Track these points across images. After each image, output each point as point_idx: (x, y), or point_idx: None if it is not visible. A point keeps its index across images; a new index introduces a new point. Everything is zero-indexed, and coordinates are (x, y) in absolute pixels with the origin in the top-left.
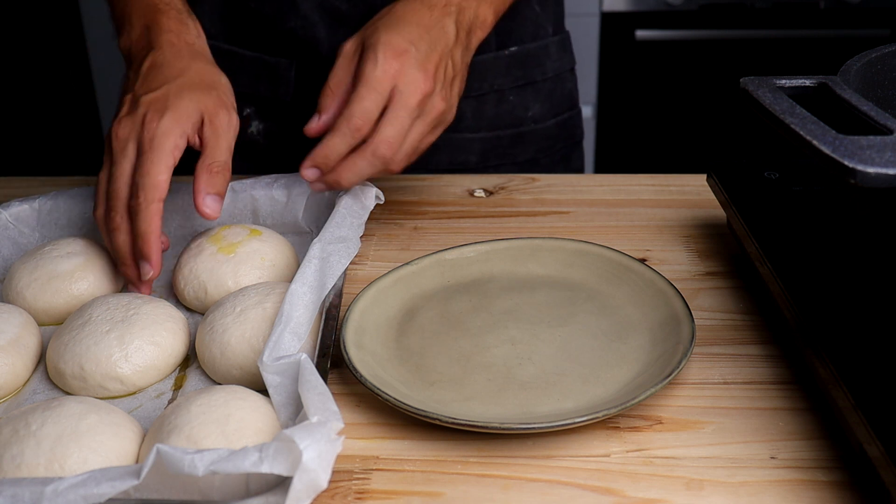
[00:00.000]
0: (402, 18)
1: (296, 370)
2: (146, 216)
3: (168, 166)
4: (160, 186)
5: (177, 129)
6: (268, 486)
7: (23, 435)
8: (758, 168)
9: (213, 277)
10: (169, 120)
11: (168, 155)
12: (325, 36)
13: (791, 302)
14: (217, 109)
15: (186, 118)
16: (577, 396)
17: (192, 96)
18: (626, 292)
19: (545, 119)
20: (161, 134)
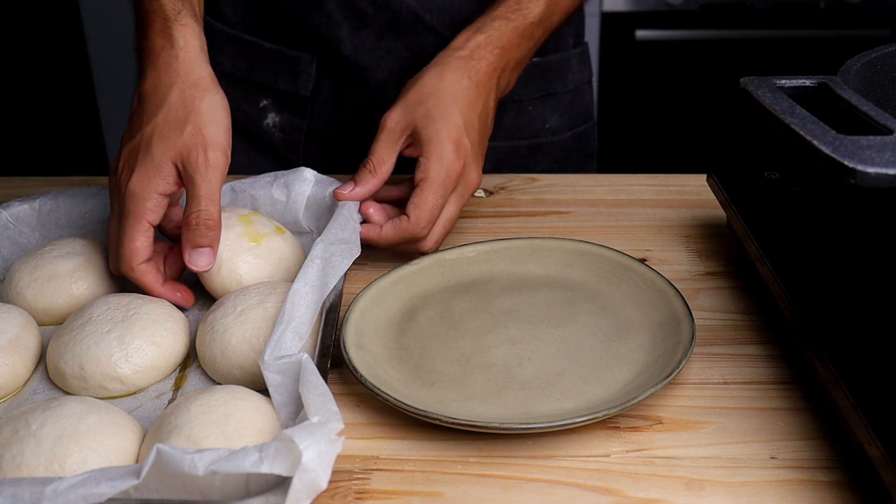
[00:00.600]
0: (454, 101)
1: (297, 370)
2: (137, 278)
3: (142, 231)
4: (137, 252)
5: (147, 190)
6: (268, 486)
7: (23, 435)
8: (758, 168)
9: (230, 258)
10: (137, 181)
11: (139, 220)
12: (348, 36)
13: (791, 302)
14: (189, 151)
15: (155, 174)
16: (577, 396)
17: (161, 144)
18: (626, 292)
19: (562, 131)
20: (130, 198)
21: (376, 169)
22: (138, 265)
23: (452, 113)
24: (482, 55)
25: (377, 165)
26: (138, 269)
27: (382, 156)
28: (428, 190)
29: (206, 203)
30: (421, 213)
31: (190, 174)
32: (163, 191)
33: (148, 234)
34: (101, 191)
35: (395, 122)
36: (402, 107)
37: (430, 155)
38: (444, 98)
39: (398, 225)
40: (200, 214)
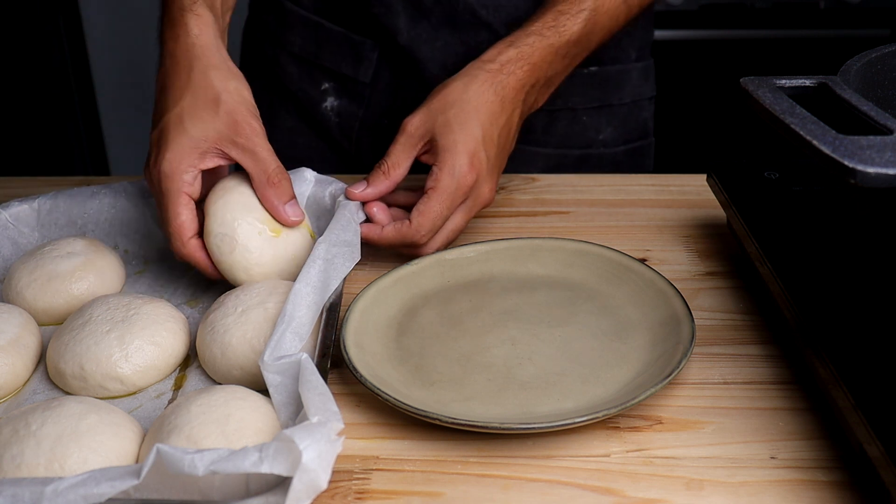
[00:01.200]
0: (476, 113)
1: (296, 370)
2: (190, 254)
3: (182, 205)
4: (183, 228)
5: (181, 165)
6: (268, 486)
7: (23, 435)
8: (758, 168)
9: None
10: (170, 159)
11: (178, 195)
12: (405, 26)
13: (791, 302)
14: (236, 126)
15: (191, 149)
16: (577, 396)
17: (196, 123)
18: (626, 292)
19: (616, 144)
20: (165, 178)
21: (390, 171)
22: (188, 240)
23: (472, 125)
24: (511, 70)
25: (391, 168)
26: (189, 245)
27: (398, 159)
28: (434, 199)
29: (273, 161)
30: (423, 221)
31: (244, 145)
32: (199, 165)
33: (190, 207)
34: (101, 191)
35: (415, 128)
36: (425, 113)
37: (443, 165)
38: (466, 109)
39: (399, 228)
40: (276, 171)
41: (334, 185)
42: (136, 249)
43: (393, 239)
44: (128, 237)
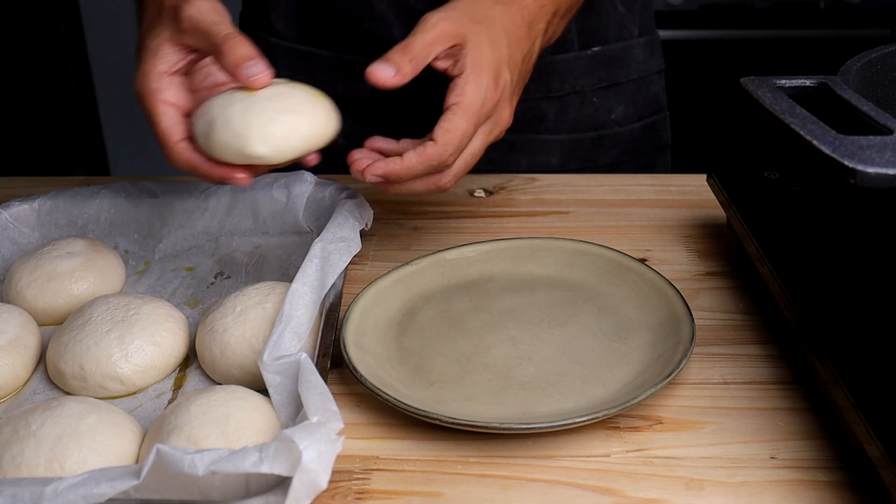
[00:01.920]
0: (505, 31)
1: (296, 370)
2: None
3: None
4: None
5: (147, 78)
6: (268, 486)
7: (23, 435)
8: (758, 168)
9: (221, 112)
10: (138, 80)
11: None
12: (401, 35)
13: (791, 302)
14: (177, 19)
15: (151, 58)
16: (577, 396)
17: (150, 36)
18: (626, 292)
19: (629, 122)
20: (140, 98)
21: (417, 59)
22: (175, 144)
23: (501, 43)
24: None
25: (418, 56)
26: (177, 147)
27: (424, 51)
28: (461, 115)
29: (220, 29)
30: (450, 139)
31: (188, 27)
32: (164, 69)
33: (170, 114)
34: (101, 191)
35: (446, 27)
36: (455, 17)
37: (469, 78)
38: (496, 26)
39: (423, 151)
40: (226, 37)
41: (334, 185)
42: (136, 249)
43: (417, 164)
44: (128, 237)
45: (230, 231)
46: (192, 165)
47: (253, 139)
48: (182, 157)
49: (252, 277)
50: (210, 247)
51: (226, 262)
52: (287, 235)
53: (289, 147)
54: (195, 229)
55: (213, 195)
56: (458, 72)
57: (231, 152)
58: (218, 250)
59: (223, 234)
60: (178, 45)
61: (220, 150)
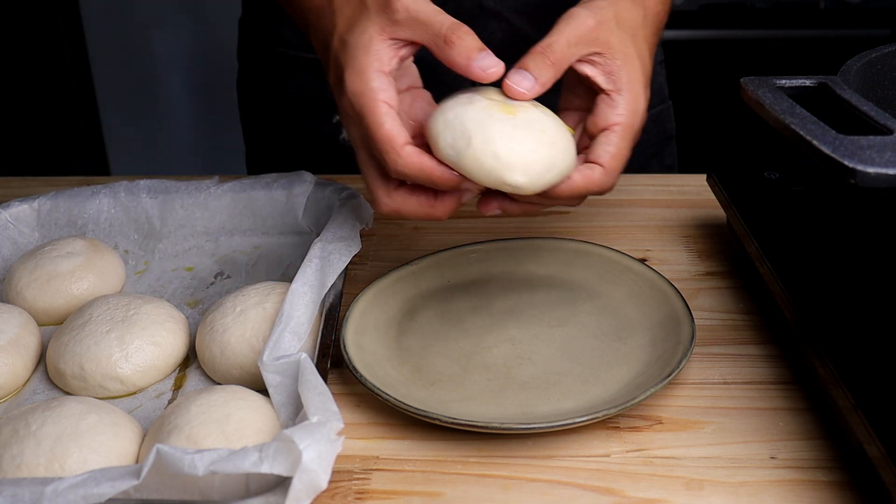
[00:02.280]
0: (646, 42)
1: (296, 370)
2: (407, 164)
3: (384, 113)
4: (392, 135)
5: (363, 76)
6: (268, 486)
7: (23, 435)
8: (758, 168)
9: (482, 128)
10: (351, 79)
11: (374, 106)
12: None
13: (791, 302)
14: (386, 11)
15: (364, 55)
16: (577, 396)
17: (355, 31)
18: (626, 292)
19: None
20: (355, 97)
21: (557, 62)
22: (402, 147)
23: (646, 56)
24: (652, 3)
25: (559, 59)
26: (405, 151)
27: (564, 52)
28: (624, 138)
29: (442, 20)
30: (617, 165)
31: (405, 19)
32: (380, 67)
33: (392, 115)
34: (101, 191)
35: (596, 28)
36: (606, 19)
37: (627, 97)
38: (639, 35)
39: (590, 176)
40: (451, 28)
41: (334, 185)
42: (136, 249)
43: (583, 189)
44: (128, 237)
45: (230, 231)
46: (423, 169)
47: (516, 168)
48: (412, 160)
49: (252, 277)
50: (210, 247)
51: (226, 262)
52: (287, 235)
53: (543, 180)
54: (195, 229)
55: (213, 195)
56: (613, 87)
57: (484, 174)
58: (218, 250)
59: (223, 234)
60: (391, 40)
61: (472, 168)
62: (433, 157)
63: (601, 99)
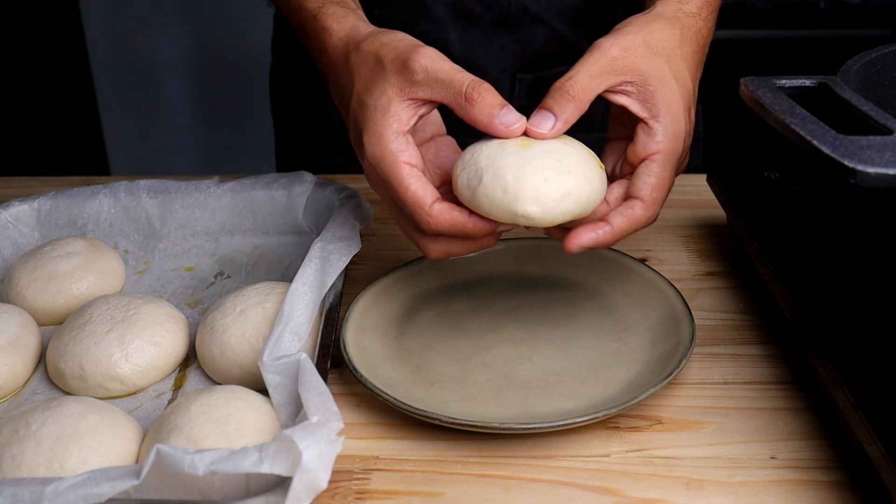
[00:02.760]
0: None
1: (296, 370)
2: (439, 222)
3: (405, 175)
4: (419, 195)
5: (382, 139)
6: (268, 486)
7: (23, 435)
8: (758, 168)
9: (491, 165)
10: (370, 143)
11: (397, 169)
12: (457, 38)
13: (791, 302)
14: (405, 71)
15: (382, 118)
16: (577, 396)
17: (373, 94)
18: (626, 292)
19: None
20: (377, 161)
21: (580, 96)
22: (432, 207)
23: (685, 77)
24: (706, 16)
25: (581, 92)
26: (434, 210)
27: (590, 84)
28: (664, 167)
29: (461, 79)
30: (658, 196)
31: (424, 79)
32: (398, 129)
33: (416, 175)
34: (101, 191)
35: (624, 56)
36: (635, 45)
37: (665, 123)
38: (677, 56)
39: (632, 216)
40: (471, 86)
41: (333, 185)
42: (136, 249)
43: (627, 230)
44: (128, 237)
45: (230, 231)
46: (454, 225)
47: (526, 198)
48: (442, 218)
49: (252, 277)
50: (210, 247)
51: (226, 262)
52: (287, 235)
53: (559, 210)
54: (195, 229)
55: (213, 195)
56: (650, 115)
57: (498, 209)
58: (218, 250)
59: (223, 234)
60: (409, 100)
61: (486, 205)
62: (464, 210)
63: (640, 127)
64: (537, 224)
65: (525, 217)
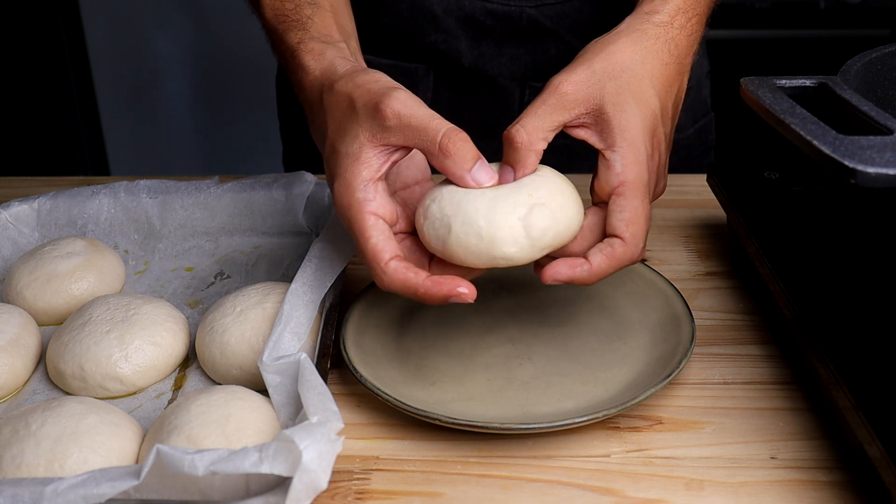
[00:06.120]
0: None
1: (296, 370)
2: (391, 281)
3: (370, 226)
4: (377, 249)
5: (350, 187)
6: (268, 486)
7: (23, 435)
8: (758, 168)
9: (460, 212)
10: (339, 190)
11: (361, 218)
12: (468, 48)
13: (791, 302)
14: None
15: (352, 164)
16: (577, 396)
17: (343, 143)
18: (626, 292)
19: (686, 128)
20: (344, 210)
21: (532, 143)
22: (387, 264)
23: (649, 95)
24: (682, 23)
25: (529, 140)
26: (389, 268)
27: (535, 126)
28: (634, 197)
29: (437, 127)
30: (637, 230)
31: (396, 125)
32: (369, 176)
33: (379, 227)
34: (101, 191)
35: (574, 89)
36: (587, 75)
37: (624, 151)
38: (639, 73)
39: (612, 254)
40: (446, 135)
41: None
42: (136, 249)
43: (608, 269)
44: (128, 237)
45: (230, 231)
46: (407, 287)
47: (503, 241)
48: (396, 277)
49: (252, 277)
50: (210, 247)
51: (226, 262)
52: (287, 235)
53: (539, 247)
54: (195, 229)
55: (213, 195)
56: (607, 145)
57: (475, 256)
58: (218, 250)
59: (223, 234)
60: (381, 146)
61: (461, 254)
62: (420, 273)
63: (599, 160)
64: (517, 262)
65: (505, 259)
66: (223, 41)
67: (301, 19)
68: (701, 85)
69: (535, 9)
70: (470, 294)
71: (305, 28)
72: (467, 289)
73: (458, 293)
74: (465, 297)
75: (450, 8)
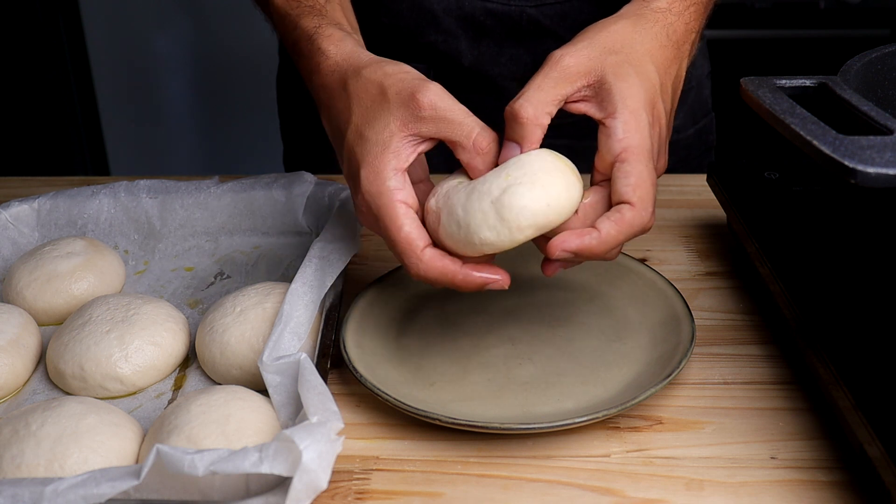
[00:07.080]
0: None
1: (296, 370)
2: (428, 269)
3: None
4: (411, 238)
5: (380, 176)
6: (268, 486)
7: (23, 435)
8: (758, 168)
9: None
10: (367, 178)
11: (392, 208)
12: (467, 48)
13: (791, 302)
14: (411, 105)
15: (382, 153)
16: (576, 396)
17: (374, 126)
18: (626, 292)
19: (686, 128)
20: (372, 198)
21: (532, 118)
22: (422, 252)
23: (649, 70)
24: (679, 11)
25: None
26: (425, 255)
27: (539, 100)
28: (638, 162)
29: (472, 124)
30: (645, 193)
31: (432, 115)
32: (399, 165)
33: (411, 216)
34: (101, 191)
35: (576, 62)
36: (587, 49)
37: (625, 117)
38: (638, 51)
39: (621, 219)
40: (481, 135)
41: (334, 185)
42: (136, 249)
43: (617, 235)
44: (128, 237)
45: (230, 231)
46: (445, 274)
47: (478, 226)
48: (433, 265)
49: (252, 277)
50: (210, 247)
51: (226, 262)
52: (287, 235)
53: (516, 227)
54: (195, 229)
55: (213, 195)
56: (607, 113)
57: (462, 245)
58: (218, 250)
59: (223, 234)
60: (410, 136)
61: (451, 244)
62: (456, 260)
63: (600, 131)
64: (503, 247)
65: (486, 244)
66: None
67: (316, 6)
68: (701, 85)
69: (535, 9)
70: (504, 280)
71: (322, 14)
72: (501, 276)
73: (494, 279)
74: (501, 284)
75: (450, 8)
